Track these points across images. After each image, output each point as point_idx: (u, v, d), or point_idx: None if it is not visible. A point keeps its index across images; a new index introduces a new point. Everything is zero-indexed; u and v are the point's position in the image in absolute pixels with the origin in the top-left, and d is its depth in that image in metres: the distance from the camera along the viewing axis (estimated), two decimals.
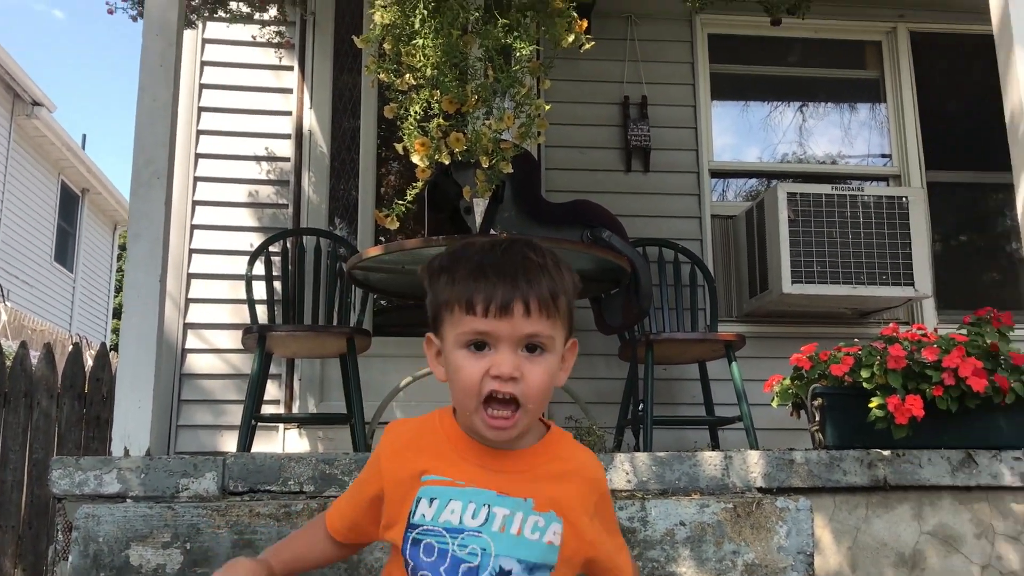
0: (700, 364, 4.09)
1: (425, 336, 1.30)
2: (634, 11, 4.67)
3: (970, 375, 2.70)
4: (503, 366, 1.18)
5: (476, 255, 1.24)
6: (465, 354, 1.21)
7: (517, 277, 1.19)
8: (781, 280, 4.07)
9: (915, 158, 4.83)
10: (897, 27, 4.94)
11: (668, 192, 4.57)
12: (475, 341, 1.20)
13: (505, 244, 1.26)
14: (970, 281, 5.00)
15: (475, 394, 1.19)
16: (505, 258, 1.22)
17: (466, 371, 1.20)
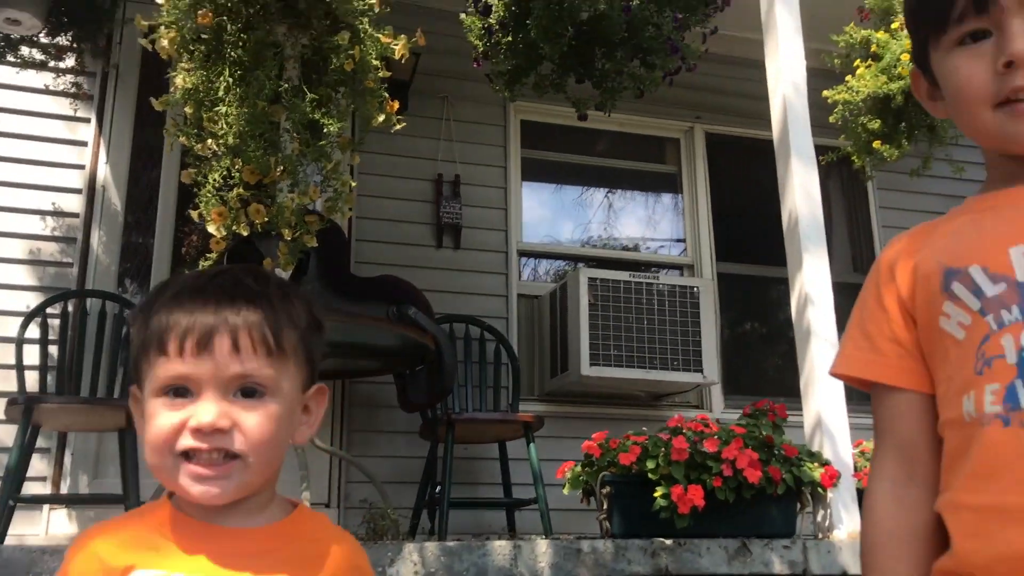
0: (500, 444, 4.11)
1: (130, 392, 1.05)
2: (451, 92, 4.75)
3: (746, 467, 2.84)
4: (204, 415, 0.93)
5: (176, 285, 1.02)
6: (160, 403, 0.96)
7: (222, 305, 0.97)
8: (580, 362, 4.18)
9: (707, 250, 5.13)
10: (694, 127, 5.28)
11: (477, 270, 4.62)
12: (172, 387, 0.96)
13: (215, 271, 1.05)
14: (754, 367, 5.33)
15: (168, 452, 0.94)
16: (211, 285, 1.00)
17: (157, 424, 0.95)
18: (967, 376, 0.91)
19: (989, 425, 0.88)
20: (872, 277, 1.07)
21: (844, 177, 5.45)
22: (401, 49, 3.09)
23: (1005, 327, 0.89)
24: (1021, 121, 0.93)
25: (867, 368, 1.03)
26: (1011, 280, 0.91)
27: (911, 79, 1.11)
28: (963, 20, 0.95)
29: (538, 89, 3.61)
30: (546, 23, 3.16)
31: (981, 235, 0.97)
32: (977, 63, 0.94)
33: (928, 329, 0.98)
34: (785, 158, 3.48)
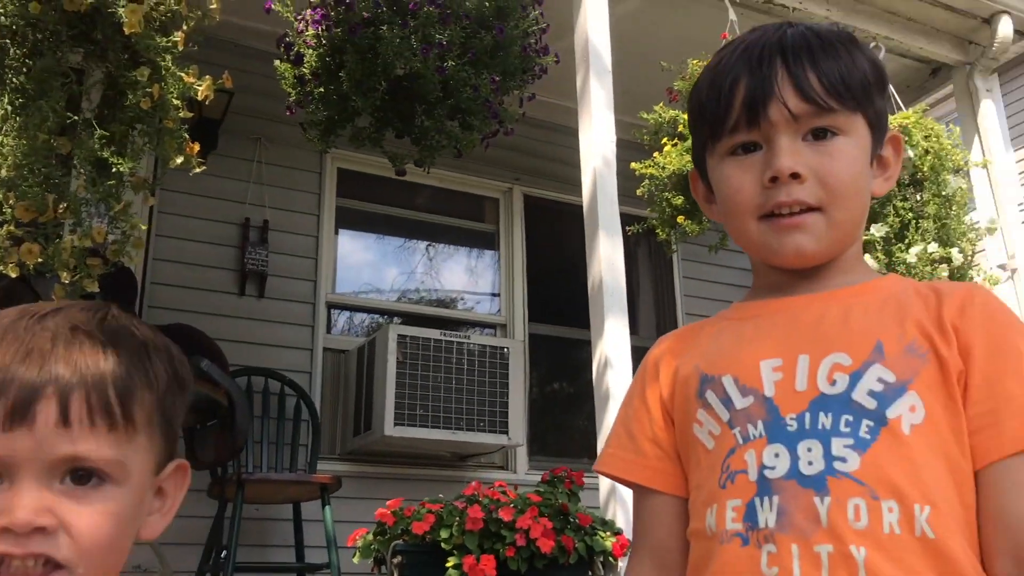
0: (295, 505, 3.93)
1: None
2: (265, 134, 4.59)
3: (540, 536, 2.82)
4: (18, 511, 0.69)
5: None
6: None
7: (49, 358, 0.72)
8: (385, 421, 4.07)
9: (520, 310, 5.17)
10: (513, 188, 5.35)
11: (282, 321, 4.44)
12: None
13: (44, 308, 0.77)
14: (561, 429, 5.39)
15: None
16: (36, 328, 0.74)
17: None
18: (712, 488, 0.92)
19: (728, 543, 0.88)
20: (639, 375, 1.07)
21: (652, 246, 5.66)
22: (205, 90, 2.94)
23: (750, 442, 0.90)
24: (782, 235, 0.95)
25: (627, 469, 1.02)
26: (759, 394, 0.92)
27: (691, 180, 1.12)
28: (736, 131, 0.96)
29: (355, 142, 3.53)
30: (359, 76, 3.10)
31: (738, 344, 0.98)
32: (746, 174, 0.96)
33: (684, 434, 0.98)
34: (593, 228, 3.56)
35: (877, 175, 1.02)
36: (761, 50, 0.96)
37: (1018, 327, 0.91)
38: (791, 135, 0.94)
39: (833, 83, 0.94)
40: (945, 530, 0.83)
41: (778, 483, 0.87)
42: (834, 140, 0.95)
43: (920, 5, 4.65)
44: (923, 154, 3.91)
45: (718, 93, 0.97)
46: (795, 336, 0.94)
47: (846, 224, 0.96)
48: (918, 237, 3.72)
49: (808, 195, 0.93)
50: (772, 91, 0.94)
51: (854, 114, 0.96)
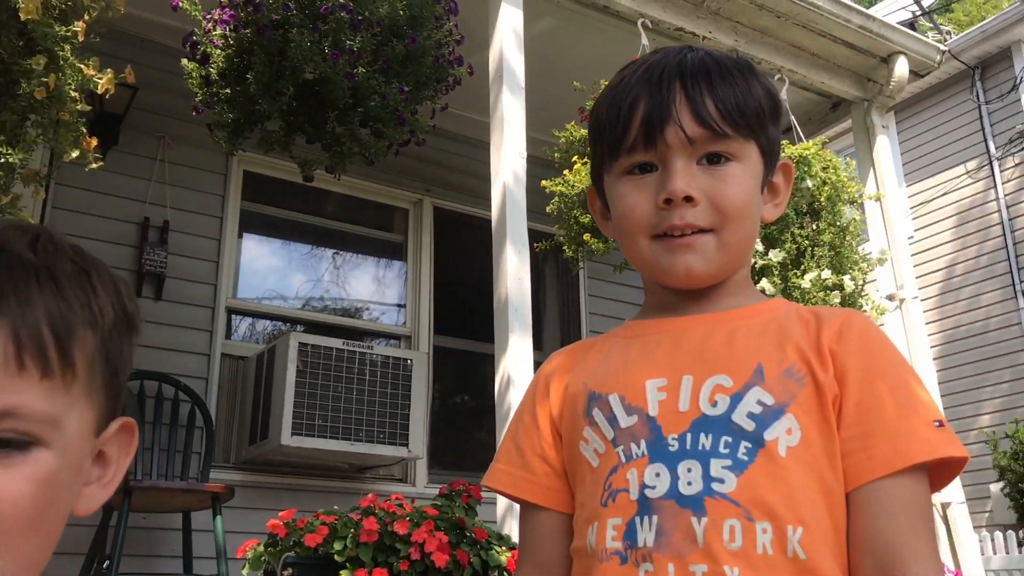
0: (185, 514, 3.81)
1: None
2: (169, 132, 4.46)
3: (435, 550, 2.80)
4: None
5: None
6: None
7: None
8: (282, 430, 3.98)
9: (426, 321, 5.15)
10: (424, 199, 5.33)
11: (179, 325, 4.31)
12: None
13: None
14: (462, 443, 5.37)
15: None
16: None
17: None
18: (595, 506, 0.92)
19: (607, 560, 0.89)
20: (530, 390, 1.07)
21: (559, 263, 5.72)
22: (106, 84, 2.84)
23: (632, 461, 0.91)
24: (673, 255, 0.96)
25: (515, 485, 1.03)
26: (643, 413, 0.93)
27: (588, 197, 1.13)
28: (633, 151, 0.98)
29: (264, 145, 3.46)
30: (266, 79, 3.05)
31: (625, 363, 0.99)
32: (641, 194, 0.98)
33: (571, 451, 0.99)
34: (501, 243, 3.57)
35: (767, 201, 1.05)
36: (661, 73, 0.98)
37: (892, 354, 0.95)
38: (686, 158, 0.96)
39: (729, 110, 0.96)
40: (816, 551, 0.85)
41: (658, 503, 0.88)
42: (727, 165, 0.97)
43: (823, 41, 4.83)
44: (821, 184, 4.05)
45: (617, 113, 0.99)
46: (681, 357, 0.96)
47: (736, 247, 0.98)
48: (813, 264, 3.85)
49: (700, 218, 0.95)
50: (670, 114, 0.95)
51: (748, 141, 0.98)
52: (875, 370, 0.92)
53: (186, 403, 4.03)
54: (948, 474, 0.92)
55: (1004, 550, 7.44)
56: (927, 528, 0.87)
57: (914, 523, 0.86)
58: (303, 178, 3.71)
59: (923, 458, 0.87)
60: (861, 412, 0.89)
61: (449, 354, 5.32)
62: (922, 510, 0.87)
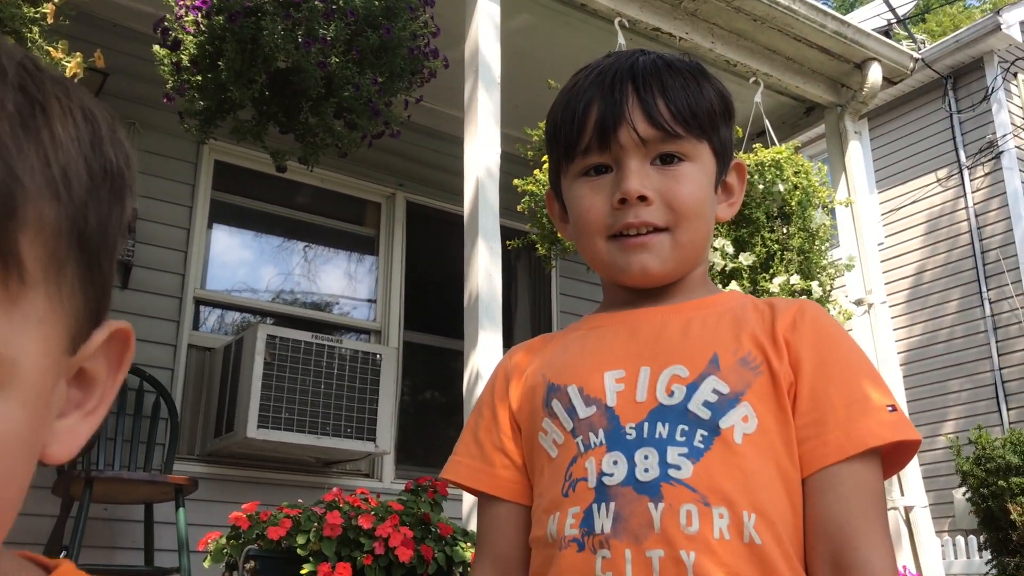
0: (147, 506, 3.77)
1: None
2: (140, 119, 4.40)
3: (399, 545, 2.78)
4: None
5: None
6: None
7: None
8: (247, 423, 3.95)
9: (396, 316, 5.12)
10: (396, 193, 5.30)
11: (145, 314, 4.25)
12: None
13: None
14: (431, 438, 5.35)
15: None
16: None
17: None
18: (555, 496, 0.93)
19: (566, 548, 0.89)
20: (490, 384, 1.08)
21: (532, 260, 5.71)
22: (74, 67, 2.80)
23: (591, 450, 0.92)
24: (628, 254, 0.98)
25: (473, 477, 1.03)
26: (601, 404, 0.94)
27: (547, 201, 1.15)
28: (588, 153, 1.00)
29: (236, 135, 3.42)
30: (238, 67, 3.01)
31: (583, 355, 1.00)
32: (597, 195, 0.99)
33: (530, 442, 1.00)
34: (473, 239, 3.55)
35: (721, 200, 1.07)
36: (614, 75, 1.00)
37: (846, 343, 0.97)
38: (640, 158, 0.98)
39: (680, 111, 0.98)
40: (771, 536, 0.86)
41: (615, 490, 0.88)
42: (680, 165, 0.99)
43: (799, 46, 4.86)
44: (792, 189, 4.07)
45: (572, 116, 1.01)
46: (638, 348, 0.97)
47: (690, 246, 1.00)
48: (782, 268, 3.87)
49: (655, 217, 0.97)
50: (623, 116, 0.97)
51: (700, 141, 1.00)
52: (829, 358, 0.93)
53: (151, 394, 3.98)
54: (901, 458, 0.93)
55: (965, 555, 7.54)
56: (879, 512, 0.89)
57: (866, 507, 0.88)
58: (276, 168, 3.67)
59: (875, 443, 0.89)
60: (815, 399, 0.91)
61: (419, 350, 5.30)
62: (874, 494, 0.89)
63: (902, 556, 4.49)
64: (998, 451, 4.94)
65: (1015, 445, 4.90)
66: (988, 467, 4.95)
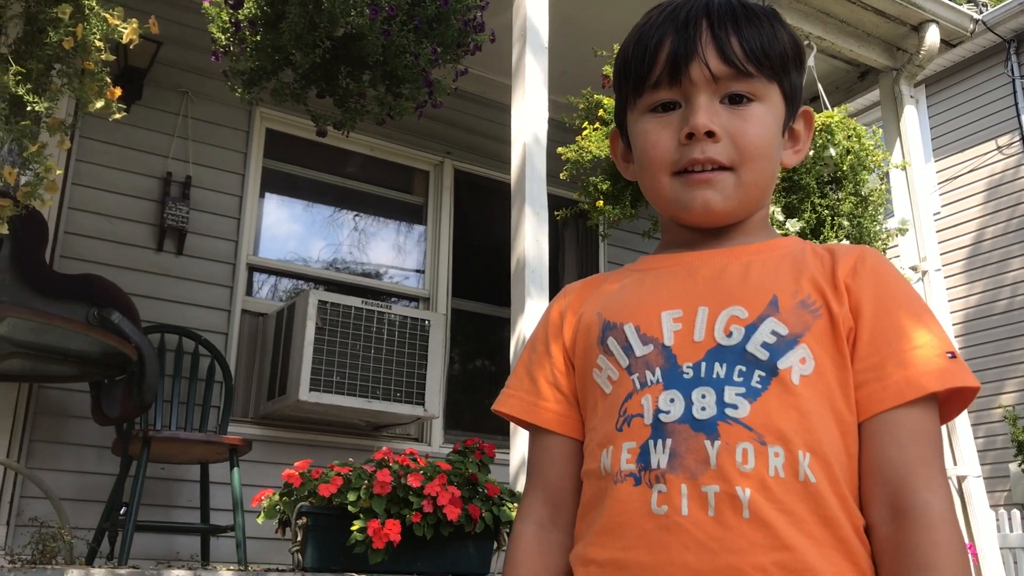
0: (203, 466, 3.87)
1: None
2: (192, 88, 4.48)
3: (447, 504, 2.83)
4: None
5: None
6: None
7: None
8: (300, 386, 4.03)
9: (444, 284, 5.16)
10: (444, 162, 5.32)
11: (200, 280, 4.35)
12: None
13: None
14: (478, 404, 5.40)
15: None
16: None
17: None
18: (609, 431, 0.94)
19: (622, 482, 0.91)
20: (543, 321, 1.09)
21: (580, 228, 5.71)
22: (130, 34, 2.85)
23: (647, 387, 0.93)
24: (693, 190, 0.98)
25: (526, 410, 1.05)
26: (658, 343, 0.95)
27: (610, 140, 1.15)
28: (658, 87, 1.00)
29: (276, 96, 3.45)
30: (300, 30, 3.04)
31: (640, 295, 1.01)
32: (664, 131, 0.99)
33: (583, 378, 1.01)
34: (520, 205, 3.56)
35: (788, 147, 1.07)
36: (688, 12, 1.00)
37: (905, 289, 0.96)
38: (709, 95, 0.97)
39: (753, 50, 0.98)
40: (825, 477, 0.86)
41: (671, 427, 0.89)
42: (750, 105, 0.98)
43: (853, 8, 4.76)
44: (844, 153, 4.01)
45: (643, 50, 1.00)
46: (696, 289, 0.97)
47: (754, 187, 0.99)
48: (832, 234, 3.82)
49: (721, 154, 0.96)
50: (695, 51, 0.97)
51: (770, 83, 1.00)
52: (889, 304, 0.93)
53: (206, 357, 4.07)
54: (958, 405, 0.93)
55: (1021, 528, 7.41)
56: (937, 456, 0.89)
57: (924, 452, 0.88)
58: (316, 133, 3.70)
59: (935, 388, 0.89)
60: (874, 344, 0.91)
61: (467, 317, 5.34)
62: (932, 439, 0.89)
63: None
64: None
65: None
66: None
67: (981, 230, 9.67)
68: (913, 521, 0.84)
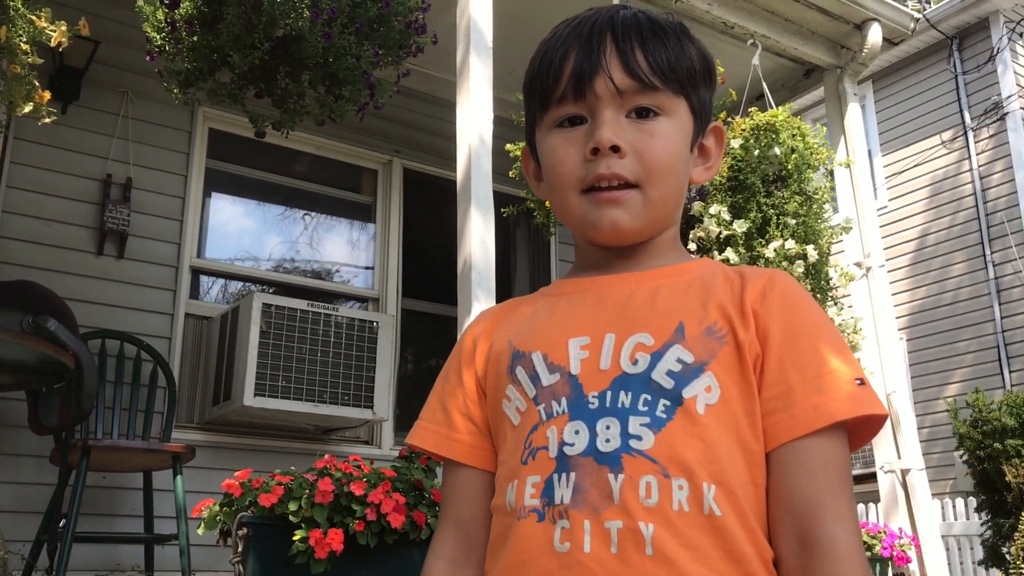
0: (146, 473, 3.80)
1: None
2: (133, 88, 4.38)
3: (391, 511, 2.81)
4: None
5: None
6: None
7: None
8: (245, 391, 3.97)
9: (394, 284, 5.13)
10: (393, 160, 5.27)
11: (142, 283, 4.27)
12: None
13: None
14: None
15: None
16: None
17: None
18: (515, 464, 0.92)
19: (525, 518, 0.89)
20: (456, 350, 1.07)
21: (531, 226, 5.69)
22: (59, 36, 2.77)
23: (553, 418, 0.91)
24: (600, 209, 0.96)
25: (439, 443, 1.03)
26: (565, 372, 0.93)
27: (522, 158, 1.13)
28: (563, 102, 0.98)
29: (213, 96, 3.38)
30: (238, 31, 2.98)
31: (550, 321, 0.99)
32: (571, 147, 0.97)
33: (494, 409, 0.99)
34: (466, 207, 3.54)
35: (698, 163, 1.05)
36: (592, 26, 0.99)
37: (815, 314, 0.95)
38: (615, 110, 0.96)
39: (659, 63, 0.96)
40: (730, 508, 0.85)
41: (576, 460, 0.87)
42: (656, 120, 0.97)
43: (797, 7, 4.80)
44: (789, 152, 4.04)
45: (548, 65, 0.99)
46: (604, 315, 0.95)
47: (662, 203, 0.98)
48: (777, 233, 3.85)
49: (626, 169, 0.95)
50: (600, 64, 0.96)
51: (677, 97, 0.98)
52: (797, 330, 0.92)
53: (148, 363, 4.00)
54: (866, 433, 0.92)
55: (965, 516, 7.58)
56: (845, 487, 0.87)
57: (832, 482, 0.86)
58: (255, 134, 3.64)
59: (844, 416, 0.87)
60: (782, 372, 0.89)
61: (418, 317, 5.31)
62: (840, 469, 0.88)
63: (899, 519, 4.51)
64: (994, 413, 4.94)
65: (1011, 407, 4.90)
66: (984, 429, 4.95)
67: (927, 223, 9.85)
68: (820, 555, 0.83)
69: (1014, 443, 4.74)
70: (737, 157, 4.06)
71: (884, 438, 4.60)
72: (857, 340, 4.16)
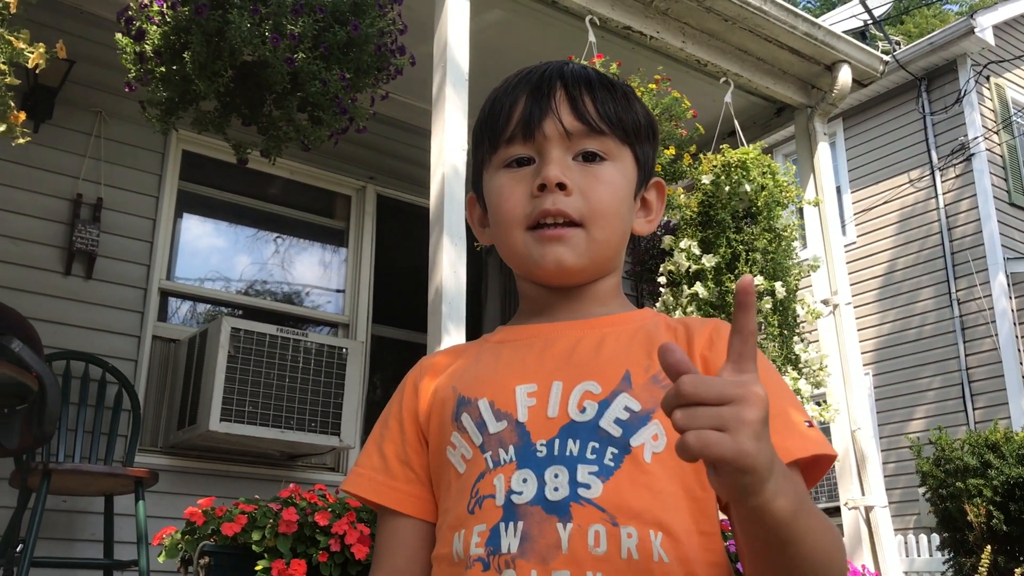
0: (107, 498, 3.75)
1: None
2: (106, 108, 4.36)
3: (355, 542, 2.79)
4: None
5: None
6: None
7: None
8: (211, 416, 3.93)
9: (365, 310, 5.11)
10: (367, 186, 5.28)
11: (109, 305, 4.22)
12: None
13: None
14: None
15: None
16: None
17: None
18: (461, 513, 0.91)
19: (471, 568, 0.88)
20: (398, 395, 1.07)
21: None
22: (36, 58, 2.77)
23: (500, 466, 0.91)
24: (544, 245, 0.97)
25: (376, 491, 1.00)
26: (512, 419, 0.93)
27: (467, 205, 1.13)
28: (512, 142, 1.00)
29: (198, 125, 3.40)
30: (203, 59, 2.99)
31: (496, 368, 0.99)
32: (518, 185, 0.99)
33: (437, 457, 0.98)
34: (438, 234, 3.55)
35: (640, 215, 1.07)
36: (542, 75, 1.02)
37: (762, 360, 0.96)
38: (563, 151, 0.98)
39: (607, 111, 1.00)
40: (676, 556, 0.85)
41: (523, 508, 0.87)
42: (602, 164, 0.99)
43: (769, 47, 4.88)
44: (758, 189, 4.10)
45: (499, 109, 1.01)
46: (551, 362, 0.96)
47: (605, 244, 0.99)
48: (747, 269, 3.89)
49: (571, 207, 0.96)
50: (549, 107, 0.98)
51: (623, 145, 1.01)
52: None
53: (113, 385, 3.96)
54: (816, 473, 0.93)
55: (928, 553, 7.64)
56: None
57: None
58: (237, 160, 3.65)
59: (800, 455, 0.88)
60: None
61: (388, 343, 5.30)
62: None
63: (862, 556, 4.54)
64: (956, 452, 4.99)
65: (973, 447, 4.96)
66: (947, 468, 5.01)
67: (893, 260, 10.00)
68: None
69: (975, 482, 4.80)
70: (708, 193, 4.11)
71: (848, 474, 4.64)
72: (823, 377, 4.20)
